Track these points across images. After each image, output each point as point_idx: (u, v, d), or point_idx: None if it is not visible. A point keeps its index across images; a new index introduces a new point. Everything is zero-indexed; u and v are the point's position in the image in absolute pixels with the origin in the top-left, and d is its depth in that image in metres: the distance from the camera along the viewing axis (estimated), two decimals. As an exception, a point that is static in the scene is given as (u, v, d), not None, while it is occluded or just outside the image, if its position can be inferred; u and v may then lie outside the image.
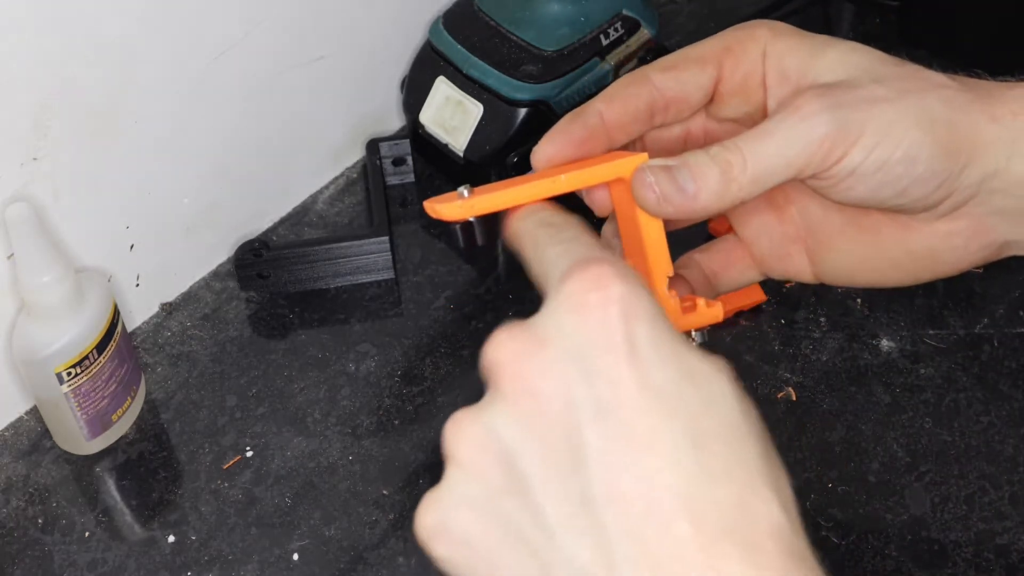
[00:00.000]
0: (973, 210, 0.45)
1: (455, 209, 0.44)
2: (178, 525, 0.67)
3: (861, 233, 0.47)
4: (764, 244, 0.50)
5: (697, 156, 0.43)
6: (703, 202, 0.42)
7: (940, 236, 0.46)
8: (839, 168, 0.43)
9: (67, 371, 0.65)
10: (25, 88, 0.62)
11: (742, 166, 0.42)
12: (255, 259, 0.76)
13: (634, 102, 0.47)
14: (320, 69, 0.79)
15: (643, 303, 0.34)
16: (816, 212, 0.48)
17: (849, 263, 0.48)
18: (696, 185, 0.42)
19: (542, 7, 0.78)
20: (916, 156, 0.42)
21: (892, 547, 0.64)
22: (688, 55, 0.48)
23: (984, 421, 0.69)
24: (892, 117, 0.42)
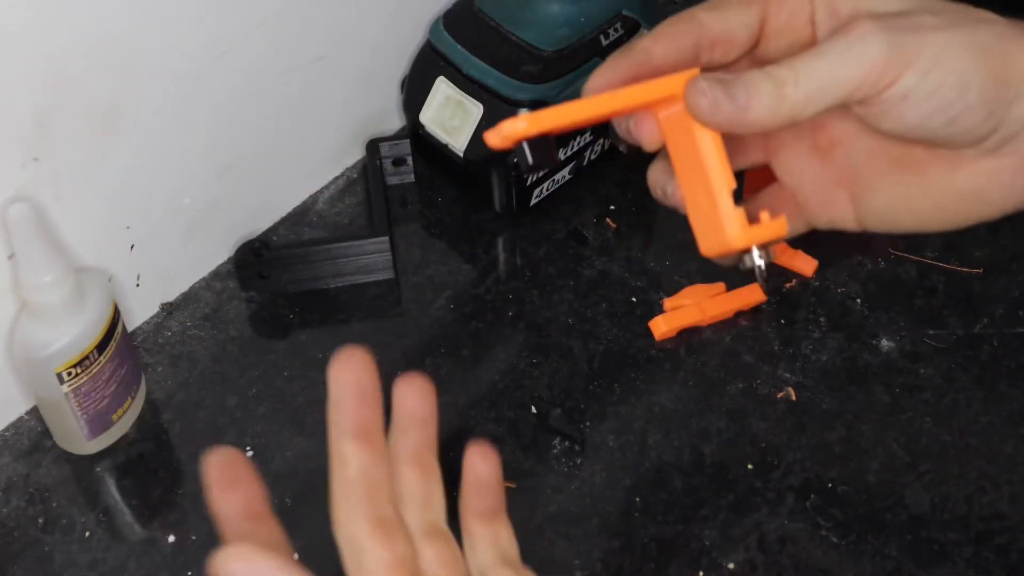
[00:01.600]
0: (1020, 147, 0.45)
1: (517, 126, 0.44)
2: (178, 525, 0.67)
3: (906, 173, 0.47)
4: (808, 189, 0.49)
5: (751, 72, 0.43)
6: (755, 114, 0.42)
7: (986, 174, 0.46)
8: (891, 92, 0.42)
9: (67, 371, 0.65)
10: (25, 88, 0.62)
11: (795, 83, 0.42)
12: (255, 259, 0.76)
13: (680, 39, 0.46)
14: (320, 69, 0.79)
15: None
16: (861, 153, 0.48)
17: (893, 205, 0.48)
18: (748, 97, 0.42)
19: (542, 7, 0.78)
20: (968, 82, 0.42)
21: (892, 547, 0.64)
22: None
23: (984, 421, 0.69)
24: (945, 43, 0.42)
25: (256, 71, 0.75)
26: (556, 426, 0.70)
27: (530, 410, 0.71)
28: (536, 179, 0.79)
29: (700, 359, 0.73)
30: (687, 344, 0.74)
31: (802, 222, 0.50)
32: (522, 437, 0.70)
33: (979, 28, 0.43)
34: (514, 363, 0.74)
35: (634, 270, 0.78)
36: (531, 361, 0.74)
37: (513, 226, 0.81)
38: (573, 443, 0.69)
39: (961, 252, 0.77)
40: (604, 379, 0.72)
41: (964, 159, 0.46)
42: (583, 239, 0.80)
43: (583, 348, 0.74)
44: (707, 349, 0.73)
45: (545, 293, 0.77)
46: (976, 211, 0.47)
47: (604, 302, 0.76)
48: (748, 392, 0.71)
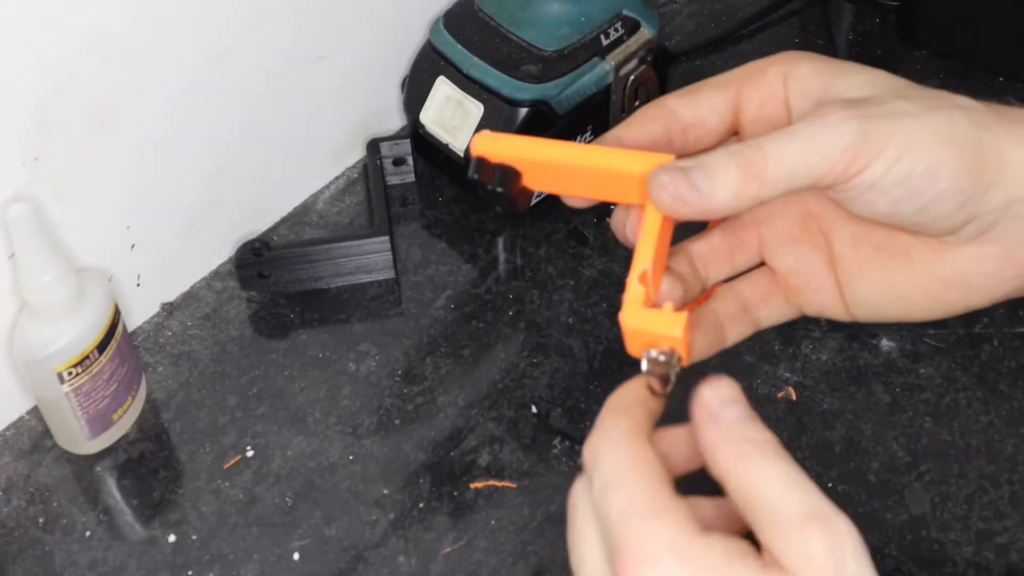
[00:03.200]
0: (1002, 235, 0.44)
1: (486, 141, 0.45)
2: (179, 525, 0.67)
3: (892, 259, 0.47)
4: (798, 274, 0.49)
5: (716, 155, 0.43)
6: (720, 201, 0.42)
7: (970, 260, 0.45)
8: (860, 180, 0.42)
9: (68, 371, 0.65)
10: (25, 88, 0.62)
11: (763, 164, 0.42)
12: (255, 259, 0.76)
13: (651, 125, 0.47)
14: (320, 69, 0.79)
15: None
16: (846, 237, 0.48)
17: (880, 292, 0.47)
18: (712, 184, 0.42)
19: (542, 7, 0.78)
20: (938, 172, 0.42)
21: (892, 547, 0.64)
22: (707, 81, 0.48)
23: (984, 421, 0.69)
24: (916, 131, 0.42)
25: (256, 71, 0.75)
26: (556, 426, 0.70)
27: (530, 410, 0.71)
28: (536, 179, 0.79)
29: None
30: (687, 344, 0.74)
31: (791, 308, 0.50)
32: (522, 437, 0.70)
33: (953, 115, 0.43)
34: (514, 363, 0.74)
35: (634, 270, 0.78)
36: (531, 361, 0.74)
37: (513, 226, 0.81)
38: (573, 443, 0.69)
39: (961, 252, 0.77)
40: (604, 379, 0.72)
41: (947, 245, 0.45)
42: (583, 239, 0.80)
43: (583, 348, 0.74)
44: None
45: (545, 293, 0.77)
46: (964, 299, 0.46)
47: (604, 302, 0.76)
48: (748, 392, 0.71)
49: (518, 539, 0.66)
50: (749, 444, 0.38)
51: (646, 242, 0.44)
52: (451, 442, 0.70)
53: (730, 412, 0.40)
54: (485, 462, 0.69)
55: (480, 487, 0.68)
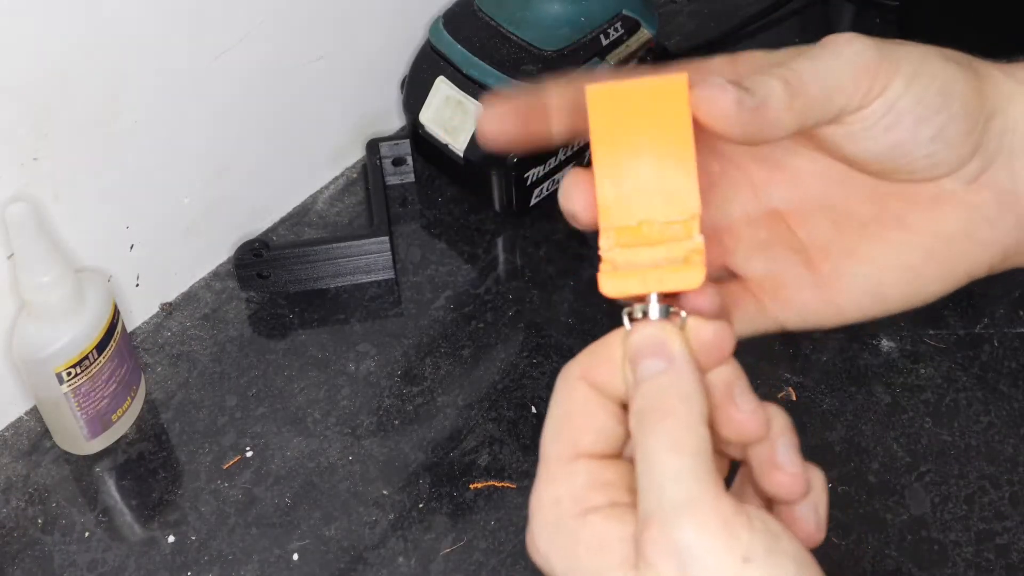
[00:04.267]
0: (996, 176, 0.44)
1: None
2: (178, 525, 0.67)
3: (884, 229, 0.45)
4: (775, 279, 0.46)
5: (753, 76, 0.40)
6: (772, 119, 0.39)
7: (969, 209, 0.44)
8: (882, 100, 0.41)
9: (67, 371, 0.65)
10: (25, 88, 0.62)
11: (800, 83, 0.40)
12: (255, 259, 0.76)
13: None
14: (320, 69, 0.79)
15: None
16: (826, 224, 0.46)
17: (878, 268, 0.45)
18: (766, 95, 0.39)
19: (542, 7, 0.78)
20: (952, 89, 0.42)
21: (892, 547, 0.64)
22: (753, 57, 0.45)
23: (984, 421, 0.69)
24: (923, 53, 0.42)
25: (256, 71, 0.75)
26: (556, 426, 0.70)
27: (530, 410, 0.71)
28: (536, 179, 0.79)
29: (700, 359, 0.73)
30: (687, 344, 0.74)
31: (762, 316, 0.46)
32: (522, 437, 0.70)
33: (946, 51, 0.43)
34: (514, 363, 0.74)
35: (634, 270, 0.78)
36: (531, 361, 0.74)
37: (513, 226, 0.81)
38: (573, 443, 0.69)
39: (961, 252, 0.77)
40: (604, 379, 0.72)
41: (944, 198, 0.44)
42: (583, 239, 0.80)
43: (583, 348, 0.74)
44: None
45: (545, 293, 0.77)
46: (969, 254, 0.45)
47: (604, 302, 0.76)
48: (748, 392, 0.71)
49: (518, 539, 0.66)
50: (650, 416, 0.35)
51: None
52: (451, 442, 0.70)
53: (646, 366, 0.37)
54: (485, 462, 0.69)
55: (480, 487, 0.68)
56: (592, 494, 0.36)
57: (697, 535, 0.33)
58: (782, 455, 0.38)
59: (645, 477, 0.35)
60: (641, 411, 0.36)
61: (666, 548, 0.33)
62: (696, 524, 0.33)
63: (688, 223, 0.38)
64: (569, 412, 0.38)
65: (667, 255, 0.38)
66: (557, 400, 0.39)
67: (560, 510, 0.36)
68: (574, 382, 0.39)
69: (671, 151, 0.38)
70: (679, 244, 0.38)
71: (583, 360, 0.39)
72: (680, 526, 0.33)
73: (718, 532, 0.33)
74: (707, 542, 0.33)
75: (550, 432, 0.38)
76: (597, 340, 0.39)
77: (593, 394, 0.38)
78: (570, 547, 0.35)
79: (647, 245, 0.39)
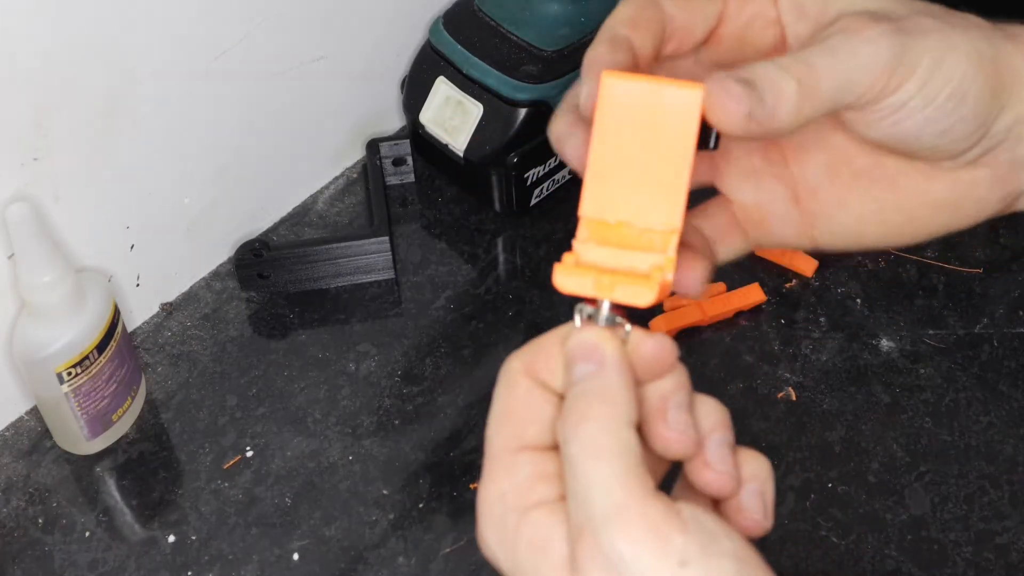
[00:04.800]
0: (997, 158, 0.44)
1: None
2: (178, 525, 0.67)
3: (874, 184, 0.45)
4: (759, 207, 0.46)
5: (766, 68, 0.39)
6: (781, 119, 0.39)
7: (963, 185, 0.44)
8: (892, 100, 0.41)
9: (67, 371, 0.65)
10: (25, 88, 0.62)
11: (815, 79, 0.39)
12: (255, 259, 0.76)
13: (654, 28, 0.43)
14: (320, 69, 0.79)
15: None
16: (819, 167, 0.45)
17: (861, 219, 0.45)
18: (776, 99, 0.38)
19: (542, 7, 0.78)
20: (966, 92, 0.41)
21: (892, 547, 0.64)
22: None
23: (984, 421, 0.69)
24: (944, 50, 0.41)
25: (256, 71, 0.75)
26: (556, 426, 0.70)
27: (530, 410, 0.71)
28: (536, 179, 0.79)
29: (700, 359, 0.73)
30: (687, 344, 0.74)
31: (744, 242, 0.47)
32: (522, 437, 0.70)
33: (972, 33, 0.42)
34: (514, 363, 0.74)
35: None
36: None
37: (513, 226, 0.81)
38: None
39: (961, 252, 0.77)
40: (604, 379, 0.72)
41: (940, 170, 0.44)
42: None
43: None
44: (707, 349, 0.73)
45: (545, 293, 0.77)
46: (948, 222, 0.45)
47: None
48: (748, 392, 0.71)
49: (518, 539, 0.66)
50: (574, 419, 0.35)
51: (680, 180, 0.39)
52: (451, 442, 0.70)
53: (576, 369, 0.36)
54: (485, 462, 0.69)
55: (480, 487, 0.68)
56: (538, 486, 0.36)
57: (629, 544, 0.33)
58: (712, 453, 0.37)
59: (571, 484, 0.34)
60: (565, 413, 0.35)
61: (598, 561, 0.33)
62: (626, 533, 0.33)
63: (666, 236, 0.38)
64: (512, 406, 0.38)
65: (631, 264, 0.38)
66: (500, 394, 0.39)
67: (505, 505, 0.36)
68: (516, 376, 0.38)
69: (669, 161, 0.38)
70: (649, 256, 0.38)
71: (525, 355, 0.38)
72: (610, 536, 0.33)
73: (649, 539, 0.33)
74: (638, 550, 0.32)
75: (494, 425, 0.38)
76: (540, 335, 0.39)
77: (536, 387, 0.38)
78: (512, 543, 0.35)
79: (618, 247, 0.39)
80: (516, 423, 0.37)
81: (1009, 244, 0.78)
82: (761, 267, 0.77)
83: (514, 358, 0.38)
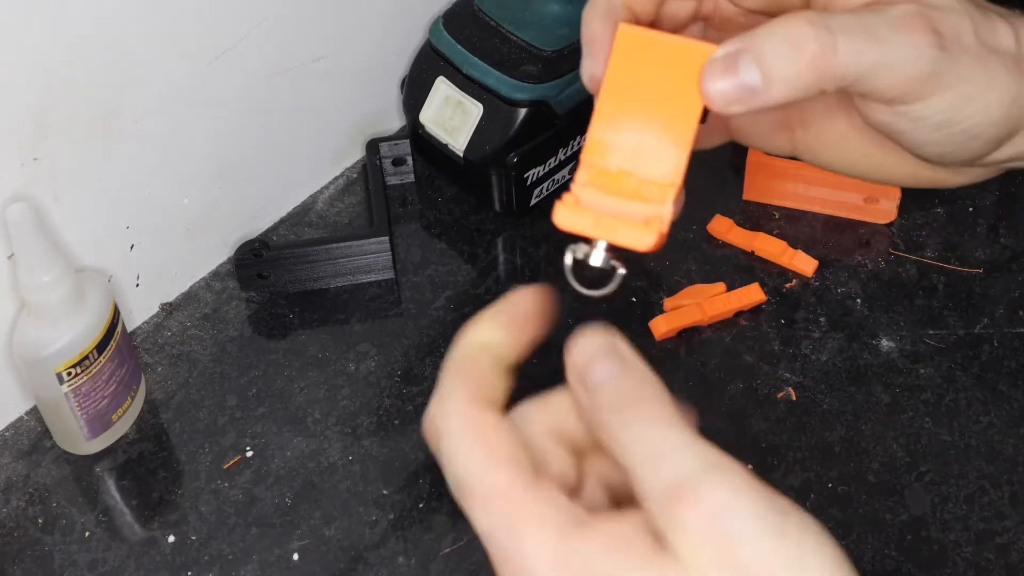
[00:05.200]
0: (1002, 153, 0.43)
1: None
2: (178, 525, 0.67)
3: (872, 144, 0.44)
4: (747, 129, 0.46)
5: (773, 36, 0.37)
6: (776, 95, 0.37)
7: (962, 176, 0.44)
8: (908, 108, 0.39)
9: (67, 371, 0.65)
10: (25, 88, 0.62)
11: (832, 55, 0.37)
12: (255, 259, 0.76)
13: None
14: (320, 69, 0.79)
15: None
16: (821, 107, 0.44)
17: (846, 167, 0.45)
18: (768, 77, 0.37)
19: (542, 7, 0.78)
20: (979, 135, 0.40)
21: (892, 547, 0.64)
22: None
23: (984, 421, 0.69)
24: (983, 85, 0.39)
25: (256, 71, 0.75)
26: (556, 426, 0.70)
27: (530, 410, 0.71)
28: (536, 179, 0.79)
29: (700, 359, 0.73)
30: (687, 344, 0.74)
31: (723, 137, 0.46)
32: (522, 437, 0.70)
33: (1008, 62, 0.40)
34: (514, 363, 0.73)
35: (634, 270, 0.78)
36: (531, 361, 0.73)
37: (513, 226, 0.81)
38: (573, 443, 0.69)
39: (961, 252, 0.77)
40: (604, 379, 0.72)
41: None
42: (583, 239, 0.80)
43: (583, 348, 0.74)
44: (707, 349, 0.73)
45: (545, 293, 0.77)
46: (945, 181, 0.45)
47: (604, 302, 0.76)
48: (748, 392, 0.71)
49: (518, 539, 0.66)
50: (623, 408, 0.34)
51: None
52: (451, 442, 0.70)
53: (599, 371, 0.35)
54: (485, 462, 0.69)
55: (480, 487, 0.68)
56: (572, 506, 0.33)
57: (733, 494, 0.31)
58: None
59: (645, 459, 0.33)
60: (613, 404, 0.34)
61: (699, 514, 0.31)
62: (729, 483, 0.31)
63: (664, 188, 0.39)
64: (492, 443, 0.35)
65: (630, 211, 0.39)
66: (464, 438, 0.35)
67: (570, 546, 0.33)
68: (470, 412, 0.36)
69: (676, 116, 0.38)
70: (647, 205, 0.39)
71: (460, 391, 0.36)
72: (712, 486, 0.31)
73: (752, 489, 0.31)
74: (744, 501, 0.31)
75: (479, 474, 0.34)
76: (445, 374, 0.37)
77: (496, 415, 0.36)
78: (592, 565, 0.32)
79: (617, 195, 0.39)
80: (511, 458, 0.34)
81: (1009, 244, 0.78)
82: (761, 267, 0.77)
83: (449, 400, 0.36)
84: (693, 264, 0.78)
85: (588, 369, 0.36)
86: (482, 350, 0.37)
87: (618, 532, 0.32)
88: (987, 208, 0.80)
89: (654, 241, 0.38)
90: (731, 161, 0.82)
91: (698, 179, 0.45)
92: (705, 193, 0.80)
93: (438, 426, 0.36)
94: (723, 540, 0.31)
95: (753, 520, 0.31)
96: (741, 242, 0.78)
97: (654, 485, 0.32)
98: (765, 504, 0.31)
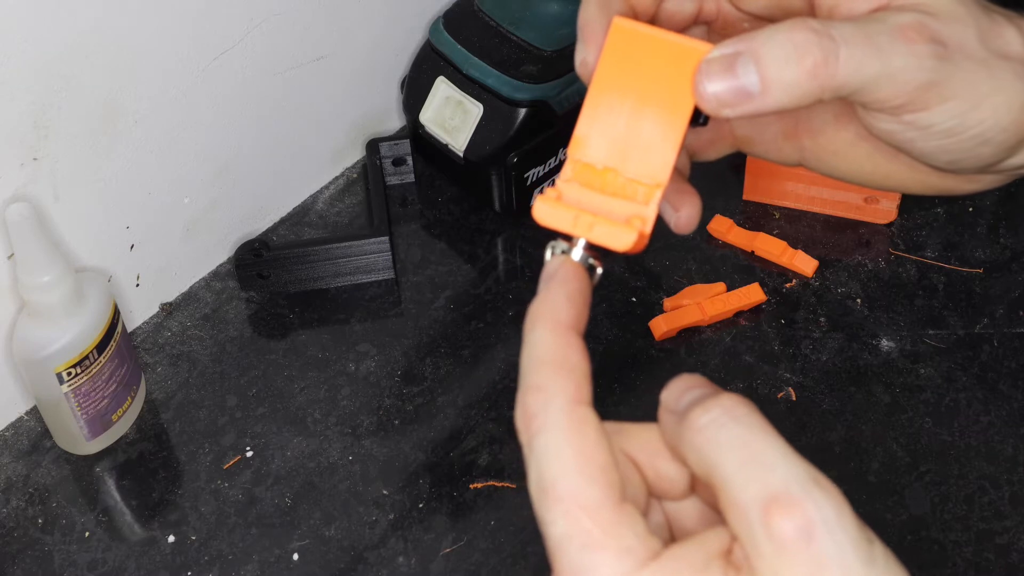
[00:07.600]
0: (1008, 163, 0.42)
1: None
2: (178, 525, 0.67)
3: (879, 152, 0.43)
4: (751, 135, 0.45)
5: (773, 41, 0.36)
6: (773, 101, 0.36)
7: (970, 181, 0.44)
8: (914, 117, 0.39)
9: (67, 371, 0.65)
10: (25, 88, 0.62)
11: (834, 62, 0.36)
12: (255, 259, 0.76)
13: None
14: (320, 69, 0.79)
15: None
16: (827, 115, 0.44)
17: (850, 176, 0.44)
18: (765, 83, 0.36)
19: (542, 7, 0.78)
20: (990, 139, 0.40)
21: (892, 547, 0.64)
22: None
23: (984, 421, 0.69)
24: (988, 90, 0.39)
25: (256, 71, 0.75)
26: (556, 426, 0.70)
27: (530, 410, 0.71)
28: (536, 179, 0.79)
29: (700, 359, 0.73)
30: (687, 344, 0.74)
31: (731, 147, 0.46)
32: (522, 437, 0.70)
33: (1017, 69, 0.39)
34: (514, 363, 0.73)
35: (634, 270, 0.78)
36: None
37: (513, 226, 0.81)
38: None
39: (961, 252, 0.77)
40: (604, 379, 0.72)
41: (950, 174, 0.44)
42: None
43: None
44: (707, 349, 0.73)
45: (545, 293, 0.77)
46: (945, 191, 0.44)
47: (604, 302, 0.76)
48: (748, 392, 0.71)
49: (518, 539, 0.66)
50: (711, 426, 0.33)
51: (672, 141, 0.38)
52: (451, 442, 0.70)
53: (688, 397, 0.34)
54: (485, 462, 0.69)
55: (480, 487, 0.68)
56: (654, 540, 0.32)
57: (833, 514, 0.32)
58: None
59: (745, 466, 0.32)
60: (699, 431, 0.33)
61: (796, 527, 0.31)
62: (831, 503, 0.32)
63: (650, 189, 0.38)
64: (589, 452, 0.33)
65: (613, 209, 0.38)
66: (567, 441, 0.33)
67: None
68: (579, 412, 0.34)
69: (665, 116, 0.38)
70: (630, 205, 0.38)
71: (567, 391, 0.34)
72: (814, 502, 0.32)
73: (850, 513, 0.32)
74: (842, 523, 0.32)
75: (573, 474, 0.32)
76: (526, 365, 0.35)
77: (597, 423, 0.34)
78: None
79: (602, 192, 0.38)
80: (605, 473, 0.33)
81: (1009, 244, 0.78)
82: (761, 267, 0.77)
83: (554, 397, 0.34)
84: (693, 264, 0.78)
85: (678, 399, 0.34)
86: (575, 346, 0.35)
87: (690, 560, 0.32)
88: (987, 208, 0.80)
89: (632, 241, 0.37)
90: (731, 161, 0.82)
91: (698, 179, 0.45)
92: (705, 193, 0.80)
93: (539, 422, 0.33)
94: (814, 559, 0.31)
95: (847, 544, 0.32)
96: (741, 242, 0.78)
97: (752, 492, 0.32)
98: (857, 531, 0.32)
